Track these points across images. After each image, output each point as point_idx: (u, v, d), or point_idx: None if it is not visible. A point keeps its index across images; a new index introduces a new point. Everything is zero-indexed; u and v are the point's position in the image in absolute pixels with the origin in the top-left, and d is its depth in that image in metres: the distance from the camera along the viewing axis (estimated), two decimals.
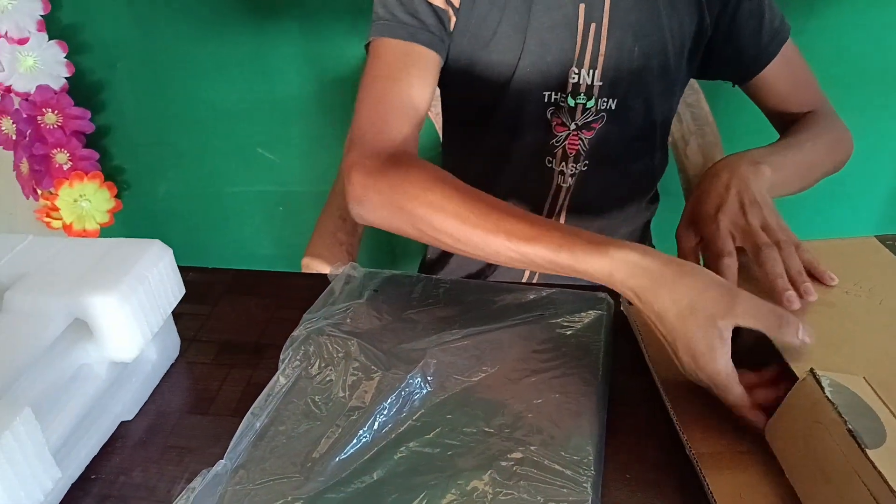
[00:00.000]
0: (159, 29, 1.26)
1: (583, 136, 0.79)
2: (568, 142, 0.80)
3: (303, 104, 1.33)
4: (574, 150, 0.80)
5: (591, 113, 0.78)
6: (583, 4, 0.73)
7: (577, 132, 0.79)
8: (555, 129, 0.79)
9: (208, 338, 0.66)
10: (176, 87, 1.33)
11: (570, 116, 0.78)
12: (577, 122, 0.78)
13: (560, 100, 0.77)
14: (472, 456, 0.49)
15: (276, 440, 0.51)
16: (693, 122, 1.06)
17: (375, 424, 0.52)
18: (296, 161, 1.40)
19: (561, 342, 0.60)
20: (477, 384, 0.56)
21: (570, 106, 0.77)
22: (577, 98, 0.77)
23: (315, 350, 0.59)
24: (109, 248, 0.57)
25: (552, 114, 0.78)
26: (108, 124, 1.38)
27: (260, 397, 0.55)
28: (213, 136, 1.38)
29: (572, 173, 0.82)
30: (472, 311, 0.64)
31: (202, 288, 0.71)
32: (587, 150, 0.80)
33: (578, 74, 0.76)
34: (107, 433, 0.56)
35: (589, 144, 0.80)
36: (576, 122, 0.78)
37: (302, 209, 1.41)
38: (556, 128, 0.79)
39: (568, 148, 0.80)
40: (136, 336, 0.54)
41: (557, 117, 0.78)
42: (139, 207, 1.46)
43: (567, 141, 0.80)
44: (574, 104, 0.77)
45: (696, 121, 1.06)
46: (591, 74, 0.75)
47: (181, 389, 0.61)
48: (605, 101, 0.77)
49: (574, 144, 0.80)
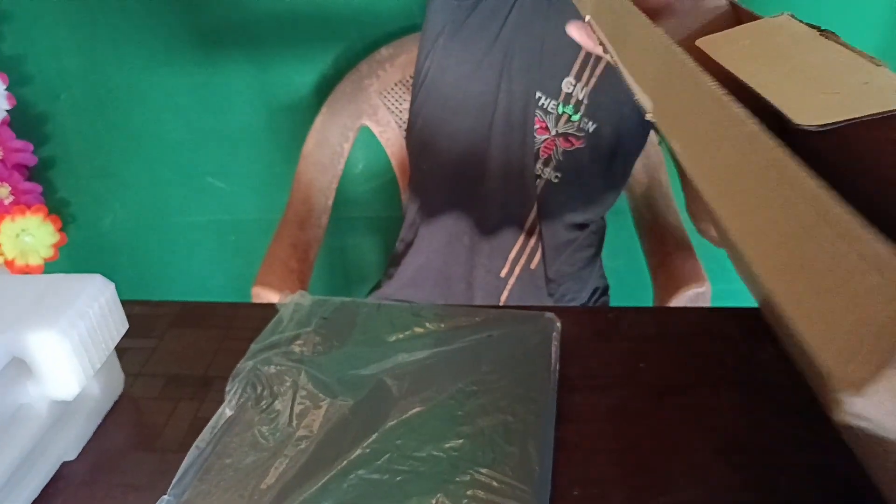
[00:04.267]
0: (104, 59, 1.25)
1: (560, 145, 0.82)
2: (544, 145, 0.82)
3: (253, 132, 1.33)
4: (547, 154, 0.83)
5: (573, 126, 0.80)
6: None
7: (555, 139, 0.81)
8: (536, 130, 0.81)
9: (154, 372, 0.65)
10: (122, 118, 1.31)
11: (555, 122, 0.81)
12: (558, 129, 0.81)
13: (549, 106, 0.80)
14: (422, 481, 0.50)
15: (222, 473, 0.51)
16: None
17: (324, 453, 0.52)
18: (247, 189, 1.39)
19: (509, 363, 0.60)
20: (426, 408, 0.56)
21: (557, 113, 0.80)
22: (566, 107, 0.80)
23: (262, 380, 0.58)
24: (49, 283, 0.56)
25: (538, 115, 0.80)
26: (52, 156, 1.35)
27: (205, 430, 0.54)
28: (160, 167, 1.36)
29: (539, 175, 0.84)
30: (421, 335, 0.64)
31: (148, 321, 0.70)
32: (561, 160, 0.82)
33: (573, 86, 0.78)
34: (48, 475, 0.54)
35: (564, 156, 0.82)
36: (557, 129, 0.81)
37: (253, 238, 1.40)
38: (538, 130, 0.81)
39: (542, 151, 0.82)
40: (78, 373, 0.53)
41: (543, 120, 0.80)
42: (85, 241, 1.43)
43: (543, 144, 0.82)
44: (561, 112, 0.80)
45: None
46: (583, 91, 0.78)
47: (126, 426, 0.59)
48: (586, 122, 0.80)
49: (549, 149, 0.82)
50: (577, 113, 0.80)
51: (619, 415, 0.58)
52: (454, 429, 0.54)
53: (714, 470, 0.52)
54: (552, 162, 0.83)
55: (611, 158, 0.85)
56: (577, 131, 0.81)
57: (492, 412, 0.55)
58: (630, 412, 0.58)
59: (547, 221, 0.87)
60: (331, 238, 1.26)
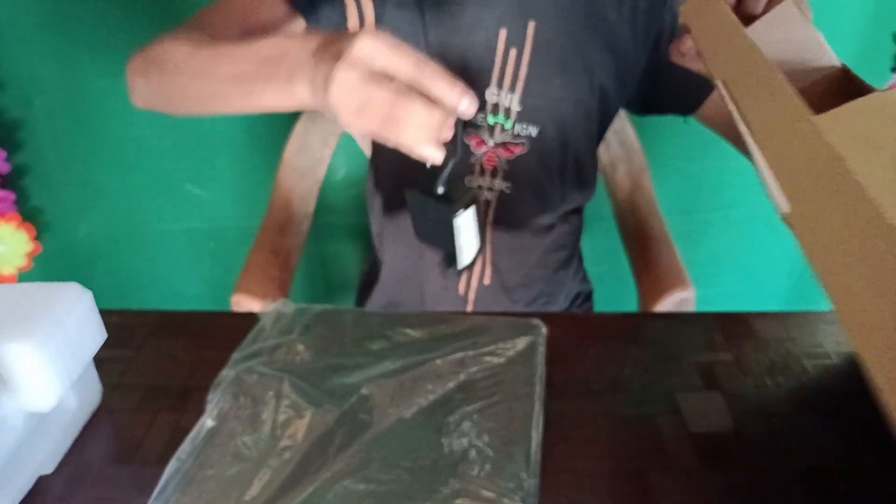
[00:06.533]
0: (79, 64, 1.23)
1: (501, 155, 0.81)
2: (485, 157, 0.82)
3: (232, 138, 1.31)
4: (491, 166, 0.82)
5: (508, 134, 0.80)
6: (504, 29, 0.76)
7: (494, 149, 0.81)
8: (474, 146, 0.81)
9: (132, 383, 0.63)
10: (97, 124, 1.29)
11: (489, 133, 0.80)
12: (494, 139, 0.80)
13: (478, 120, 0.79)
14: (409, 490, 0.49)
15: (204, 485, 0.50)
16: (620, 148, 1.10)
17: (309, 463, 0.51)
18: (226, 196, 1.37)
19: (495, 370, 0.60)
20: (412, 417, 0.55)
21: (489, 124, 0.79)
22: (496, 117, 0.79)
23: (244, 389, 0.57)
24: (24, 293, 0.55)
25: (468, 131, 0.80)
26: (26, 163, 1.33)
27: (186, 441, 0.53)
28: (137, 174, 1.34)
29: (490, 187, 0.84)
30: (406, 343, 0.63)
31: (125, 331, 0.68)
32: (507, 170, 0.82)
33: (498, 95, 0.78)
34: (24, 489, 0.53)
35: (509, 165, 0.82)
36: (494, 140, 0.80)
37: (232, 245, 1.38)
38: (475, 145, 0.81)
39: (485, 163, 0.82)
40: (54, 384, 0.52)
41: (476, 135, 0.80)
42: (60, 250, 1.40)
43: (485, 157, 0.82)
44: (493, 123, 0.79)
45: (624, 147, 1.10)
46: (510, 98, 0.78)
47: (104, 438, 0.58)
48: (524, 127, 0.80)
49: (492, 161, 0.82)
50: (509, 120, 0.80)
51: (605, 420, 0.57)
52: (440, 437, 0.53)
53: (700, 476, 0.52)
54: (499, 173, 0.83)
55: (562, 158, 0.84)
56: (513, 139, 0.81)
57: (478, 420, 0.55)
58: (616, 418, 0.58)
59: (506, 232, 0.87)
60: (312, 245, 1.24)
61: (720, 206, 1.36)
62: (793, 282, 1.48)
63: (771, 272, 1.47)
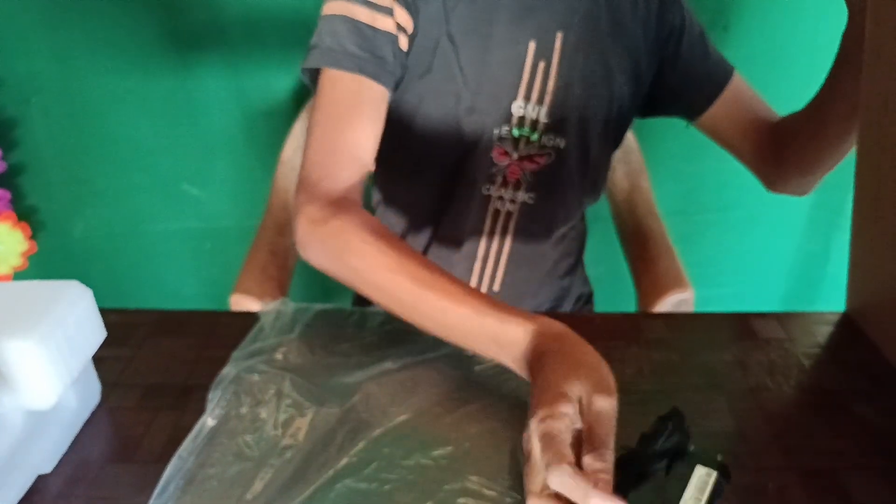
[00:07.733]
0: (77, 62, 1.22)
1: (525, 168, 0.81)
2: (508, 170, 0.81)
3: (229, 138, 1.31)
4: (514, 178, 0.82)
5: (534, 146, 0.80)
6: (533, 42, 0.75)
7: (518, 162, 0.80)
8: (496, 157, 0.80)
9: (131, 382, 0.63)
10: (94, 123, 1.29)
11: (514, 146, 0.79)
12: (519, 152, 0.80)
13: (503, 133, 0.78)
14: (411, 489, 0.49)
15: (205, 484, 0.49)
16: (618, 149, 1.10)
17: (310, 462, 0.50)
18: (223, 196, 1.37)
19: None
20: (413, 416, 0.55)
21: (513, 137, 0.79)
22: (522, 130, 0.79)
23: (245, 388, 0.57)
24: (24, 290, 0.55)
25: (494, 142, 0.79)
26: (21, 162, 1.32)
27: (187, 440, 0.53)
28: (134, 173, 1.34)
29: (512, 199, 0.83)
30: (406, 342, 0.63)
31: (124, 330, 0.68)
32: (532, 181, 0.82)
33: (524, 108, 0.78)
34: (23, 488, 0.52)
35: (534, 177, 0.81)
36: (518, 153, 0.80)
37: (230, 245, 1.38)
38: (497, 157, 0.80)
39: (508, 175, 0.82)
40: (54, 382, 0.52)
41: (500, 146, 0.79)
42: (55, 249, 1.40)
43: (508, 169, 0.81)
44: (518, 135, 0.79)
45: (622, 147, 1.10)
46: (537, 111, 0.78)
47: (103, 437, 0.58)
48: (551, 138, 0.79)
49: (515, 173, 0.81)
50: (535, 132, 0.79)
51: None
52: (442, 436, 0.53)
53: None
54: (522, 185, 0.82)
55: (584, 167, 0.84)
56: (539, 150, 0.80)
57: (480, 420, 0.55)
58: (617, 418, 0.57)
59: (525, 243, 0.86)
60: None
61: (719, 207, 1.36)
62: (792, 282, 1.49)
63: (770, 272, 1.47)
